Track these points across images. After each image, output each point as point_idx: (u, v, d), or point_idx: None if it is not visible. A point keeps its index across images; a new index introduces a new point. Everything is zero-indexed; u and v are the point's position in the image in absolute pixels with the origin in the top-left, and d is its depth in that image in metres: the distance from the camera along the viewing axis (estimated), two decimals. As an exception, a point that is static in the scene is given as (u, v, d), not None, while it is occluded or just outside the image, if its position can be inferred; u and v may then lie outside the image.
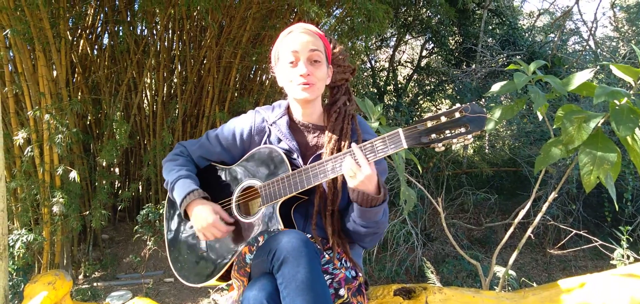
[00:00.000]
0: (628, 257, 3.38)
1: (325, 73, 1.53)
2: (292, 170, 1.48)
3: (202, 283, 1.60)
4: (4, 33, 3.44)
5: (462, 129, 1.28)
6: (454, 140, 1.29)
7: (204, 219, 1.53)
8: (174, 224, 1.76)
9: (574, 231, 3.55)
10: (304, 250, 1.24)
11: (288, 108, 1.63)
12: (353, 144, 1.39)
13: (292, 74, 1.49)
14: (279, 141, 1.58)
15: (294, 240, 1.26)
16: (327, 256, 1.44)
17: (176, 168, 1.65)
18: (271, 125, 1.60)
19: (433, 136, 1.30)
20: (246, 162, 1.61)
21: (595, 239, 3.24)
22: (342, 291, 1.38)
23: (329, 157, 1.42)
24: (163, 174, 1.70)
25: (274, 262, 1.25)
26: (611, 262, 3.44)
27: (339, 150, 1.49)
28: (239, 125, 1.65)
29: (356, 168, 1.35)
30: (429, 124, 1.30)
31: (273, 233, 1.39)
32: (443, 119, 1.29)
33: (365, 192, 1.37)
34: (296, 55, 1.48)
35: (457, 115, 1.28)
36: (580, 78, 1.98)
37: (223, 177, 1.66)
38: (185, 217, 1.62)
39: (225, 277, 1.58)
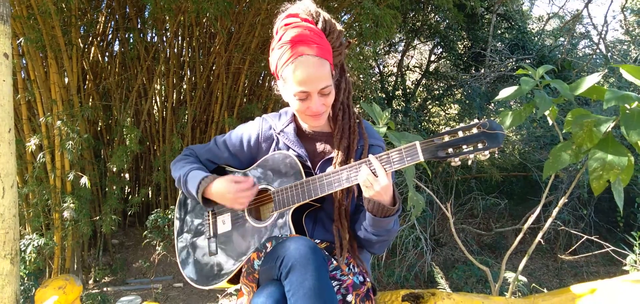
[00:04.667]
0: (641, 263, 3.33)
1: (333, 91, 1.48)
2: (305, 176, 1.48)
3: (210, 285, 1.60)
4: (18, 41, 3.50)
5: (480, 145, 1.27)
6: (471, 155, 1.28)
7: (227, 192, 1.51)
8: (184, 225, 1.77)
9: (585, 237, 3.51)
10: (311, 257, 1.24)
11: (294, 116, 1.63)
12: (370, 155, 1.38)
13: (303, 108, 1.45)
14: (287, 148, 1.58)
15: (302, 247, 1.25)
16: (334, 262, 1.44)
17: (188, 165, 1.67)
18: (279, 133, 1.60)
19: (450, 150, 1.30)
20: (260, 167, 1.61)
21: (607, 244, 3.20)
22: (349, 297, 1.38)
23: (345, 166, 1.42)
24: (172, 173, 1.71)
25: (282, 269, 1.25)
26: (623, 268, 3.40)
27: (349, 149, 1.49)
28: (247, 131, 1.65)
29: (373, 178, 1.35)
30: (447, 138, 1.30)
31: (281, 239, 1.39)
32: (461, 133, 1.29)
33: (380, 202, 1.36)
34: (306, 94, 1.41)
35: (475, 130, 1.27)
36: (588, 82, 1.96)
37: None
38: (204, 203, 1.59)
39: (235, 279, 1.58)
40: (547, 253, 5.37)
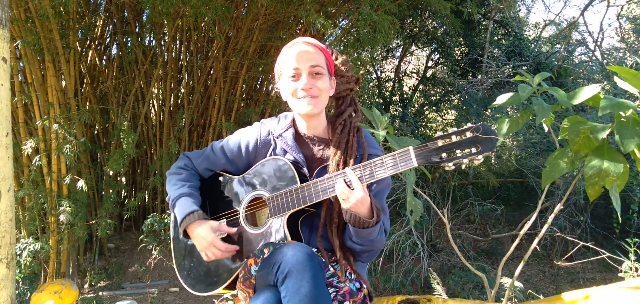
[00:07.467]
0: (636, 269, 3.34)
1: (328, 84, 1.53)
2: (301, 182, 1.48)
3: (208, 291, 1.60)
4: (15, 44, 3.50)
5: (473, 149, 1.28)
6: (465, 160, 1.29)
7: (203, 239, 1.54)
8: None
9: (581, 243, 3.52)
10: (308, 264, 1.23)
11: (293, 120, 1.63)
12: (347, 168, 1.40)
13: (294, 88, 1.50)
14: (285, 153, 1.58)
15: (299, 253, 1.25)
16: (331, 268, 1.44)
17: (179, 183, 1.65)
18: (277, 137, 1.60)
19: (443, 155, 1.31)
20: (254, 173, 1.61)
21: (602, 251, 3.21)
22: (346, 304, 1.38)
23: (338, 172, 1.43)
24: (166, 187, 1.70)
25: (279, 275, 1.25)
26: (619, 274, 3.41)
27: (345, 163, 1.49)
28: (245, 137, 1.65)
29: (348, 192, 1.37)
30: (440, 143, 1.31)
31: (278, 245, 1.39)
32: (454, 138, 1.30)
33: (357, 214, 1.39)
34: (297, 71, 1.49)
35: (469, 134, 1.28)
36: (587, 92, 1.96)
37: (230, 187, 1.67)
38: (185, 236, 1.62)
39: (232, 286, 1.58)
40: (544, 259, 5.38)
